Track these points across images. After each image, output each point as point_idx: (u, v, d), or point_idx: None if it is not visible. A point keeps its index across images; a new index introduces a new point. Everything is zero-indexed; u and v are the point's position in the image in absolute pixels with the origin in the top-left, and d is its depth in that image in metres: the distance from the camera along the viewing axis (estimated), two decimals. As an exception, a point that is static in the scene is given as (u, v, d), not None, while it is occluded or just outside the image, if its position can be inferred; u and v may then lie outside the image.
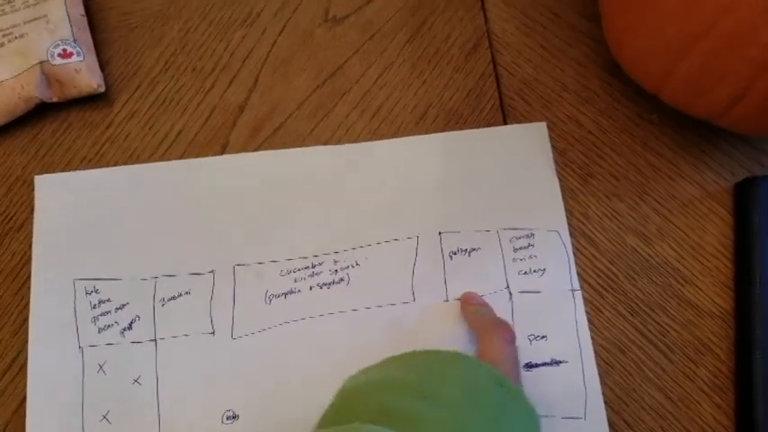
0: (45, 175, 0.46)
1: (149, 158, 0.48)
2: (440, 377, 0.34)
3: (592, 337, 0.44)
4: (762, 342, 0.43)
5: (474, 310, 0.43)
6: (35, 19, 0.47)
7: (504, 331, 0.40)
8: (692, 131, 0.49)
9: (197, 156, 0.48)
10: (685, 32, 0.39)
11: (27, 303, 0.43)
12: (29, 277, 0.44)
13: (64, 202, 0.46)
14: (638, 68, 0.44)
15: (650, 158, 0.49)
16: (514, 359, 0.39)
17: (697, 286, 0.46)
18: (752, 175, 0.48)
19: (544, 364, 0.44)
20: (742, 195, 0.47)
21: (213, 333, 0.44)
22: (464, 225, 0.47)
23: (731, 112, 0.41)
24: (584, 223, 0.47)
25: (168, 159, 0.47)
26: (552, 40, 0.52)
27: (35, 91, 0.46)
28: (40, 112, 0.48)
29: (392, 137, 0.49)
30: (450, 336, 0.44)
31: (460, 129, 0.49)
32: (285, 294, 0.45)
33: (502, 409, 0.33)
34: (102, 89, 0.48)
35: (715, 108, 0.42)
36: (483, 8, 0.53)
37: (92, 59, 0.48)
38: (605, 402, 0.43)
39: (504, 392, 0.34)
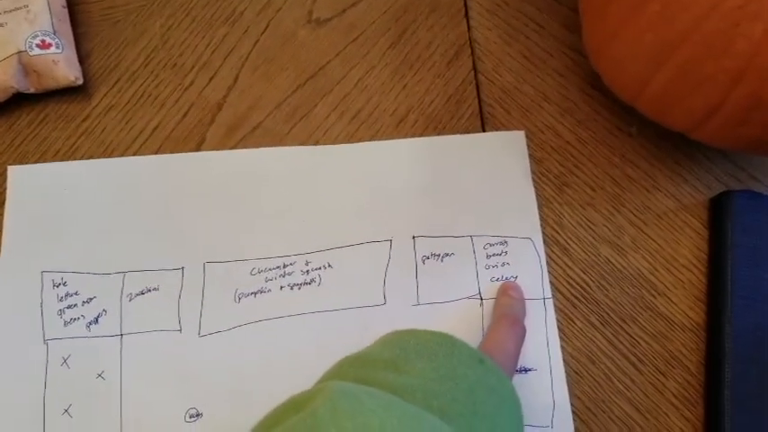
0: (18, 166, 0.46)
1: (124, 153, 0.47)
2: (416, 353, 0.34)
3: (562, 347, 0.44)
4: (732, 356, 0.43)
5: (506, 302, 0.44)
6: (16, 9, 0.47)
7: (515, 325, 0.41)
8: (670, 145, 0.49)
9: (172, 152, 0.47)
10: (663, 40, 0.39)
11: (-7, 294, 0.43)
12: (-4, 267, 0.43)
13: (36, 193, 0.45)
14: (616, 77, 0.44)
15: (627, 170, 0.49)
16: (514, 354, 0.39)
17: (669, 298, 0.46)
18: (727, 190, 0.48)
19: (513, 372, 0.43)
20: (717, 209, 0.47)
21: (180, 330, 0.43)
22: (438, 230, 0.46)
23: (706, 124, 0.41)
24: (558, 232, 0.47)
25: (143, 154, 0.47)
26: (534, 50, 0.52)
27: (12, 81, 0.46)
28: (16, 102, 0.47)
29: (371, 140, 0.49)
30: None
31: (439, 134, 0.49)
32: (255, 294, 0.44)
33: (478, 383, 0.33)
34: (80, 82, 0.48)
35: (690, 120, 0.42)
36: (466, 16, 0.53)
37: (71, 51, 0.48)
38: (573, 412, 0.43)
39: (484, 369, 0.34)
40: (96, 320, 0.43)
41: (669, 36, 0.38)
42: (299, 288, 0.45)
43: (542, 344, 0.44)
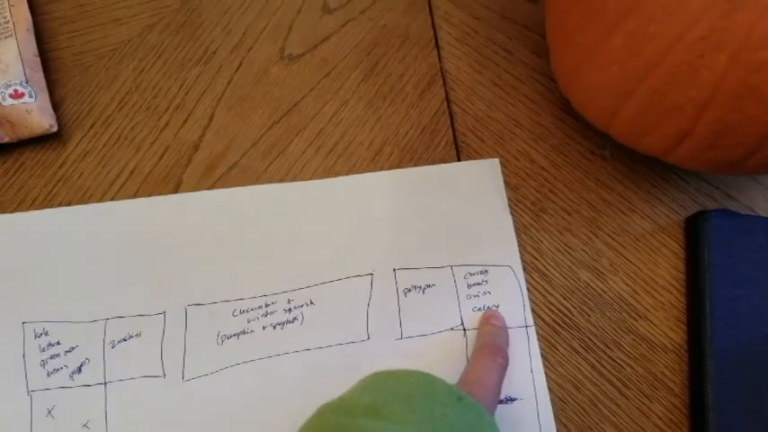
0: (-5, 216, 0.46)
1: (102, 198, 0.47)
2: (394, 395, 0.34)
3: (546, 374, 0.44)
4: (714, 377, 0.43)
5: (489, 330, 0.44)
6: (-13, 60, 0.47)
7: (496, 356, 0.41)
8: (644, 166, 0.50)
9: (150, 194, 0.47)
10: (629, 73, 0.39)
11: (-26, 347, 0.42)
12: (-24, 320, 0.43)
13: (14, 243, 0.45)
14: (587, 107, 0.45)
15: (602, 193, 0.49)
16: (495, 386, 0.39)
17: (650, 320, 0.46)
18: (703, 209, 0.48)
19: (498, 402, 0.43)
20: (693, 229, 0.47)
21: (164, 376, 0.43)
22: (418, 262, 0.47)
23: (677, 149, 0.41)
24: (537, 258, 0.47)
25: (121, 198, 0.47)
26: (505, 77, 0.52)
27: (-14, 131, 0.46)
28: (-9, 152, 0.47)
29: (347, 174, 0.49)
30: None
31: (415, 165, 0.49)
32: (238, 335, 0.44)
33: (457, 421, 0.33)
34: (55, 129, 0.48)
35: (662, 146, 0.42)
36: (437, 46, 0.53)
37: (44, 100, 0.48)
38: (560, 440, 0.43)
39: (462, 407, 0.34)
40: (79, 369, 0.43)
41: (635, 68, 0.38)
42: (282, 327, 0.45)
43: (526, 372, 0.44)
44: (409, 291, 0.46)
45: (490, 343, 0.42)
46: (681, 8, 0.36)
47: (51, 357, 0.43)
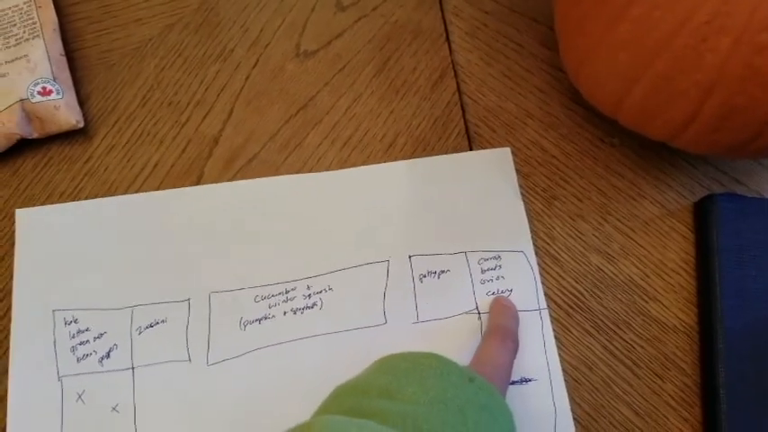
0: (26, 209, 0.48)
1: (127, 190, 0.49)
2: (406, 377, 0.35)
3: (560, 355, 0.45)
4: (725, 356, 0.44)
5: (497, 316, 0.45)
6: (16, 59, 0.49)
7: (506, 339, 0.42)
8: (653, 153, 0.51)
9: (173, 187, 0.49)
10: (636, 58, 0.40)
11: (8, 335, 0.44)
12: (9, 309, 0.45)
13: (44, 234, 0.47)
14: (595, 94, 0.46)
15: (612, 180, 0.50)
16: (506, 368, 0.40)
17: (661, 302, 0.47)
18: (711, 193, 0.49)
19: (513, 383, 0.44)
20: (702, 213, 0.49)
21: (189, 360, 0.44)
22: (433, 248, 0.48)
23: (684, 134, 0.43)
24: (549, 244, 0.49)
25: (145, 191, 0.49)
26: (515, 69, 0.54)
27: (16, 128, 0.48)
28: (20, 148, 0.49)
29: (362, 165, 0.50)
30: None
31: (428, 155, 0.51)
32: (259, 320, 0.46)
33: (468, 402, 0.34)
34: (81, 125, 0.49)
35: (669, 130, 0.43)
36: (448, 40, 0.55)
37: (71, 97, 0.50)
38: (574, 419, 0.44)
39: (474, 387, 0.35)
40: (108, 355, 0.44)
41: (642, 54, 0.39)
42: (302, 312, 0.46)
43: (540, 354, 0.45)
44: (425, 276, 0.47)
45: (500, 326, 0.44)
46: (684, -7, 0.37)
47: (81, 344, 0.45)
